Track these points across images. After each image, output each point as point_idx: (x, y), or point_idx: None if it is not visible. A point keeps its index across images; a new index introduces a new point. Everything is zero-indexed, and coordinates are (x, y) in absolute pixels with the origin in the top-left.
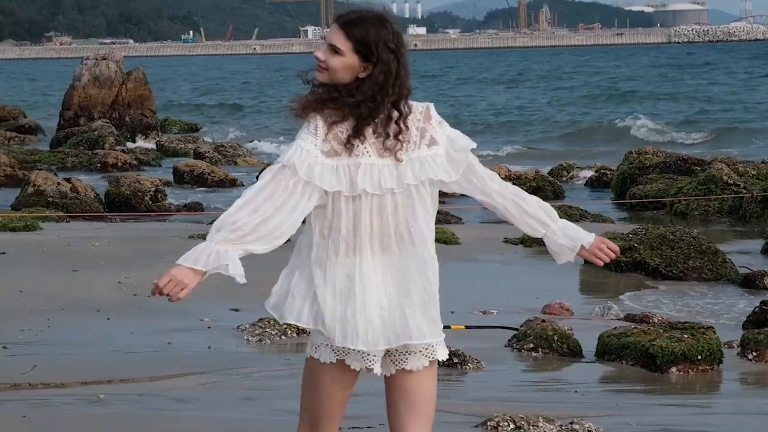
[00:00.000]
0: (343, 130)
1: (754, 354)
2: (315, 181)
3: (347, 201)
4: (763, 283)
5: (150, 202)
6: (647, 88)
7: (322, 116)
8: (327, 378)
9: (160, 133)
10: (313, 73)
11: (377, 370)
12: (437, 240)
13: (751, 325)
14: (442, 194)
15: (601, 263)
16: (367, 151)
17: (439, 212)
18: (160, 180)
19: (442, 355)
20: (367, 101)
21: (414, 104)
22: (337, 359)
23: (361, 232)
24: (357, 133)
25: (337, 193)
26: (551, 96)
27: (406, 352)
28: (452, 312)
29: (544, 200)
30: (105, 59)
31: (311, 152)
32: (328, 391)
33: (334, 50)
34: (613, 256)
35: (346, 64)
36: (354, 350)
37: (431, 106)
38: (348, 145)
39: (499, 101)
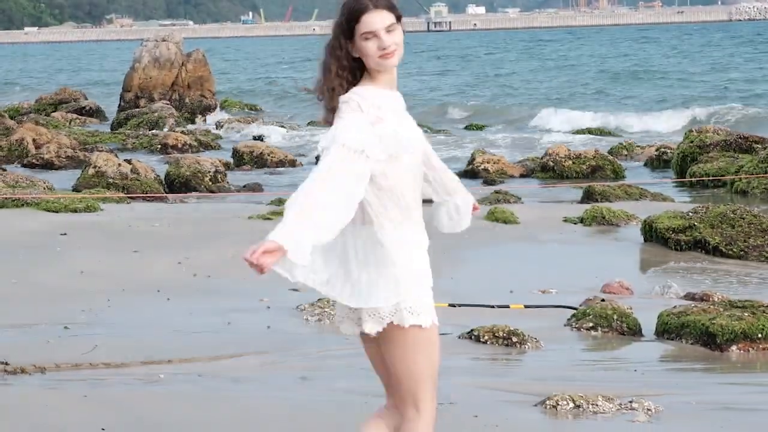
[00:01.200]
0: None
1: None
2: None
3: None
4: None
5: (210, 183)
6: None
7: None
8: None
9: (220, 114)
10: (385, 62)
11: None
12: (497, 220)
13: None
14: (507, 176)
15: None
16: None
17: (498, 192)
18: (219, 161)
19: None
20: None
21: None
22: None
23: (410, 196)
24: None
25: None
26: None
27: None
28: (511, 291)
29: (603, 179)
30: (165, 41)
31: (363, 127)
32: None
33: (389, 30)
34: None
35: (402, 34)
36: None
37: None
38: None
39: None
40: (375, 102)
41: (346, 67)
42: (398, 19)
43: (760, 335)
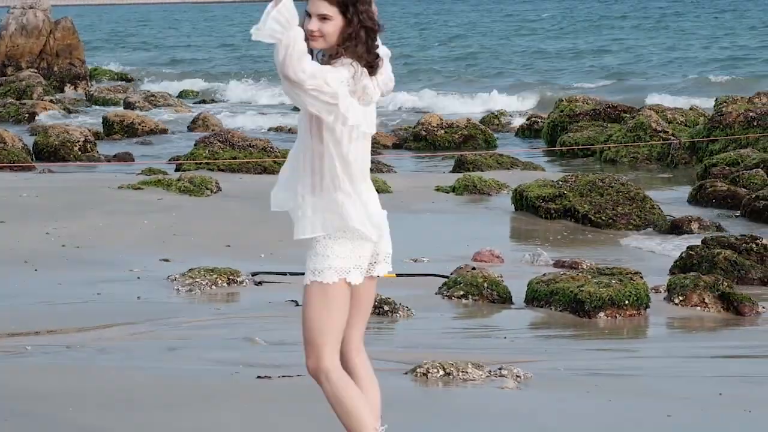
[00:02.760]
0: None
1: (681, 298)
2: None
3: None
4: (690, 228)
5: (79, 153)
6: None
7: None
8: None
9: (89, 83)
10: (310, 43)
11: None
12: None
13: (677, 270)
14: (380, 145)
15: None
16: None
17: (372, 161)
18: (89, 130)
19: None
20: (366, 54)
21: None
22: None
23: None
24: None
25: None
26: None
27: None
28: None
29: (475, 149)
30: (32, 8)
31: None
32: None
33: (323, 18)
34: None
35: (337, 27)
36: None
37: None
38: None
39: None
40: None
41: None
42: (345, 9)
43: (627, 302)
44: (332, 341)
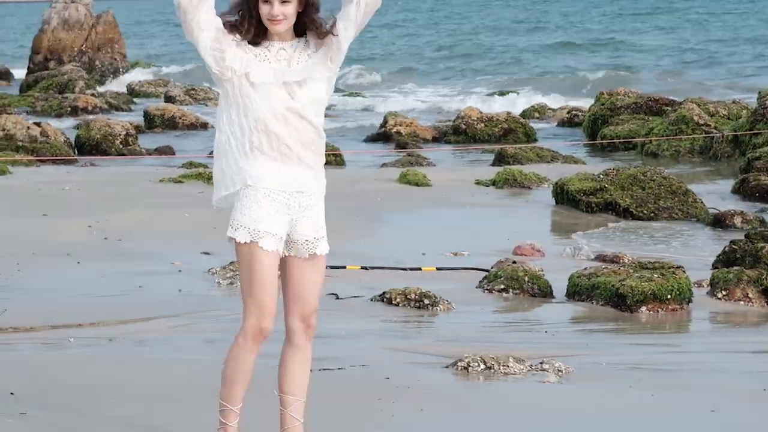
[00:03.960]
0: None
1: (723, 293)
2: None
3: None
4: (733, 222)
5: (120, 146)
6: None
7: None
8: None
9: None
10: (273, 27)
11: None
12: (409, 182)
13: (720, 265)
14: (420, 139)
15: None
16: None
17: (410, 155)
18: (130, 124)
19: None
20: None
21: None
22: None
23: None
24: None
25: None
26: None
27: None
28: (423, 254)
29: (515, 142)
30: (74, 2)
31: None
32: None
33: (284, 1)
34: None
35: (295, 8)
36: None
37: None
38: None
39: None
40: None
41: (252, 20)
42: None
43: (669, 296)
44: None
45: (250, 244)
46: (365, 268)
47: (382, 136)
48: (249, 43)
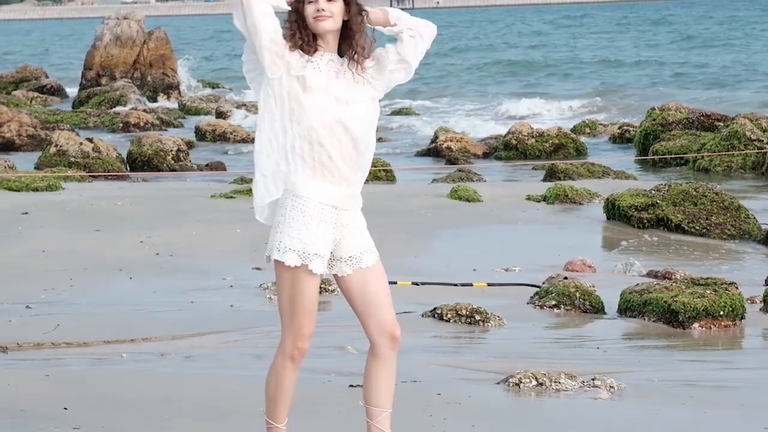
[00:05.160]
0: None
1: None
2: None
3: None
4: None
5: (172, 162)
6: None
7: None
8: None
9: (181, 93)
10: (317, 24)
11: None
12: (460, 198)
13: None
14: (470, 154)
15: None
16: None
17: (461, 170)
18: (182, 139)
19: None
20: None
21: None
22: None
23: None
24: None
25: None
26: None
27: None
28: (474, 270)
29: (566, 157)
30: (126, 19)
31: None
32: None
33: None
34: None
35: (340, 8)
36: None
37: None
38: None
39: None
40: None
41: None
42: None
43: (721, 312)
44: None
45: (298, 267)
46: (416, 284)
47: (432, 152)
48: (301, 51)
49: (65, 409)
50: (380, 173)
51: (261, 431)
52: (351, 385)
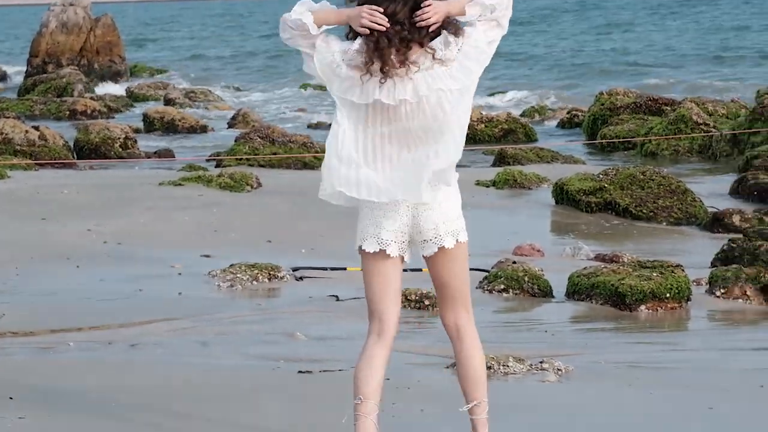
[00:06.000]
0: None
1: (722, 291)
2: None
3: None
4: (732, 221)
5: (120, 149)
6: None
7: None
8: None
9: (129, 79)
10: None
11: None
12: None
13: (719, 263)
14: None
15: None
16: None
17: None
18: (130, 127)
19: None
20: None
21: None
22: None
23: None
24: None
25: None
26: None
27: None
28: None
29: (515, 142)
30: (72, 5)
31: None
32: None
33: None
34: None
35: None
36: None
37: None
38: None
39: None
40: None
41: None
42: None
43: (668, 295)
44: None
45: (376, 253)
46: None
47: None
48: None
49: (11, 398)
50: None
51: (209, 418)
52: (300, 371)
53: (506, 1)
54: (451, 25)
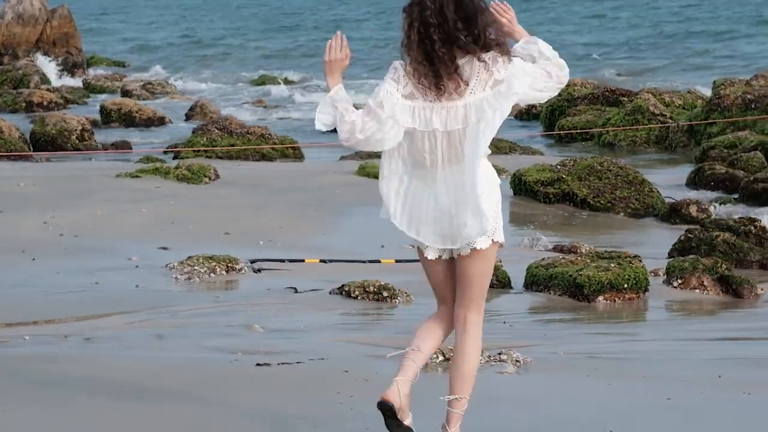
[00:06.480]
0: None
1: (679, 281)
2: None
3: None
4: (689, 212)
5: (77, 141)
6: None
7: None
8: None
9: (86, 71)
10: None
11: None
12: (368, 175)
13: (676, 253)
14: None
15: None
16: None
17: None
18: (86, 119)
19: None
20: None
21: None
22: None
23: None
24: None
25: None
26: None
27: None
28: (382, 246)
29: None
30: None
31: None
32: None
33: None
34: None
35: None
36: None
37: None
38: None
39: None
40: None
41: None
42: None
43: (626, 285)
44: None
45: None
46: (324, 261)
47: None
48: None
49: None
50: (288, 151)
51: (167, 410)
52: (258, 364)
53: (561, 62)
54: (503, 45)
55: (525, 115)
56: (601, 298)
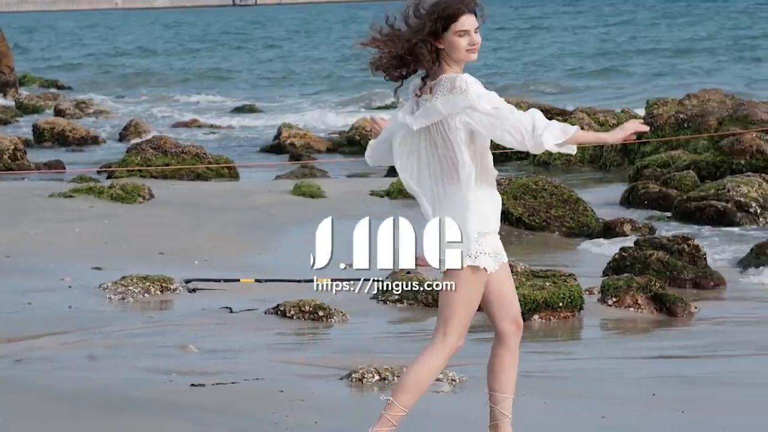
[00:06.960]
0: None
1: (614, 300)
2: None
3: None
4: (623, 230)
5: (9, 161)
6: None
7: None
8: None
9: (18, 91)
10: (470, 56)
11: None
12: (303, 194)
13: (611, 272)
14: (314, 150)
15: None
16: None
17: (304, 167)
18: (19, 138)
19: None
20: None
21: None
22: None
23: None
24: None
25: None
26: None
27: None
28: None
29: None
30: None
31: None
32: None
33: (476, 31)
34: None
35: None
36: None
37: None
38: None
39: None
40: None
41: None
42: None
43: (561, 304)
44: None
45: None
46: (259, 281)
47: (275, 148)
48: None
49: None
50: (223, 171)
51: (92, 429)
52: (192, 385)
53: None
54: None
55: None
56: (536, 316)
